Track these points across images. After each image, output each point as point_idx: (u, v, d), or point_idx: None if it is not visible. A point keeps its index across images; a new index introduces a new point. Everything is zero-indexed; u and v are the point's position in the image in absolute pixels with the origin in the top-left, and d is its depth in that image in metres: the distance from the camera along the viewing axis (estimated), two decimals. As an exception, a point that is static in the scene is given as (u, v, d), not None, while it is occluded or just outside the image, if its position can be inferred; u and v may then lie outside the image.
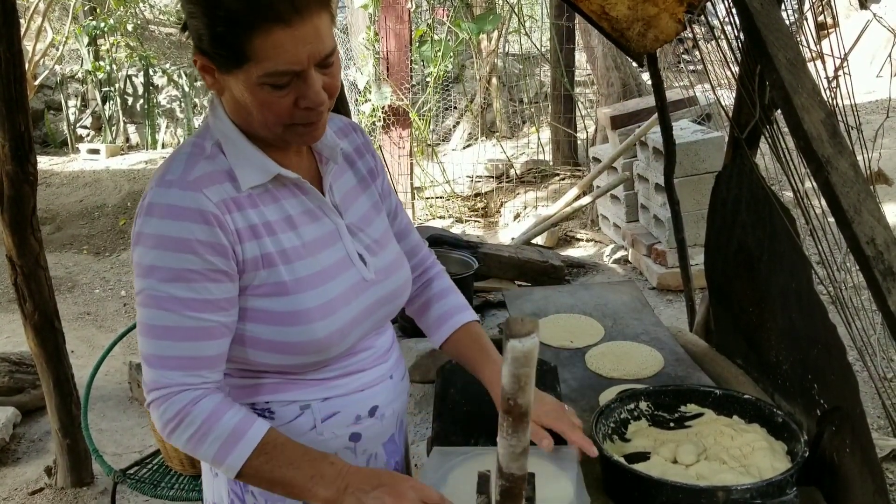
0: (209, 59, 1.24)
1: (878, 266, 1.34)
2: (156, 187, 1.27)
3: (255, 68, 1.20)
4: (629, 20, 2.47)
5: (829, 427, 1.59)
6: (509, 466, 1.07)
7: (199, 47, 1.24)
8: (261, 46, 1.18)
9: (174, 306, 1.25)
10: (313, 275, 1.34)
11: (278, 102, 1.24)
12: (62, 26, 10.47)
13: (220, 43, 1.20)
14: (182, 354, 1.27)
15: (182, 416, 1.27)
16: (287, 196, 1.36)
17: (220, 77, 1.26)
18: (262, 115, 1.26)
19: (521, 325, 0.98)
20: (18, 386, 4.35)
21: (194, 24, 1.23)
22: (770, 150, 1.85)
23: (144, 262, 1.25)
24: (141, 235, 1.25)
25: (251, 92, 1.23)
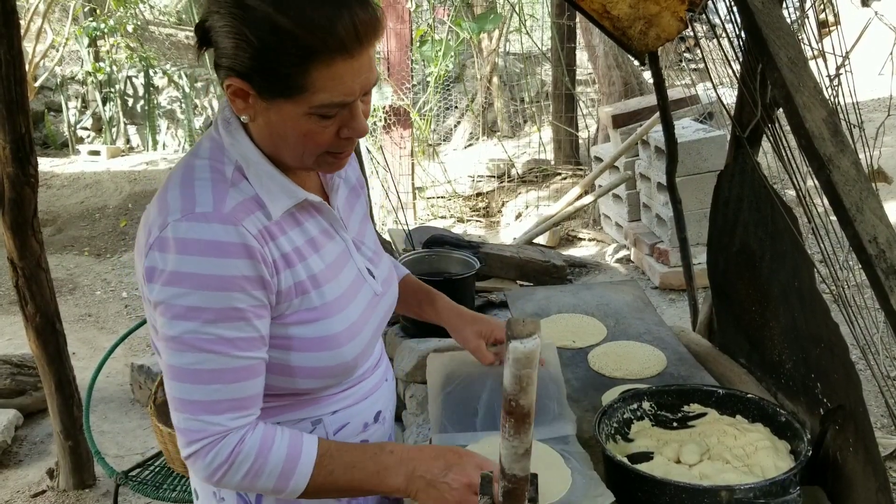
0: (250, 84, 1.16)
1: (881, 264, 1.33)
2: (184, 221, 1.15)
3: (309, 99, 1.15)
4: (630, 19, 2.47)
5: (833, 426, 1.58)
6: (512, 467, 1.07)
7: (237, 70, 1.16)
8: (319, 77, 1.14)
9: (223, 348, 1.18)
10: (339, 297, 1.31)
11: (322, 133, 1.19)
12: (62, 27, 10.48)
13: (272, 72, 1.14)
14: (232, 396, 1.21)
15: (233, 458, 1.22)
16: (307, 218, 1.31)
17: (254, 103, 1.18)
18: (301, 145, 1.21)
19: (523, 326, 0.98)
20: (20, 388, 4.35)
21: (235, 47, 1.14)
22: (772, 148, 1.85)
23: (183, 303, 1.16)
24: (176, 275, 1.15)
25: (294, 122, 1.18)
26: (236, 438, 1.22)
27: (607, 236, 6.39)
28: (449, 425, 1.81)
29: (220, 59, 1.18)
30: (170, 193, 1.20)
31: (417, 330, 2.66)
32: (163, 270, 1.16)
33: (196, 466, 1.23)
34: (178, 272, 1.15)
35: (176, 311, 1.17)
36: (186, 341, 1.17)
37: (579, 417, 1.88)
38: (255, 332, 1.21)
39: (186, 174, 1.22)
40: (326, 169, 1.29)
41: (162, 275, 1.16)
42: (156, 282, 1.17)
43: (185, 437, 1.22)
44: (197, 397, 1.19)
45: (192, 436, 1.21)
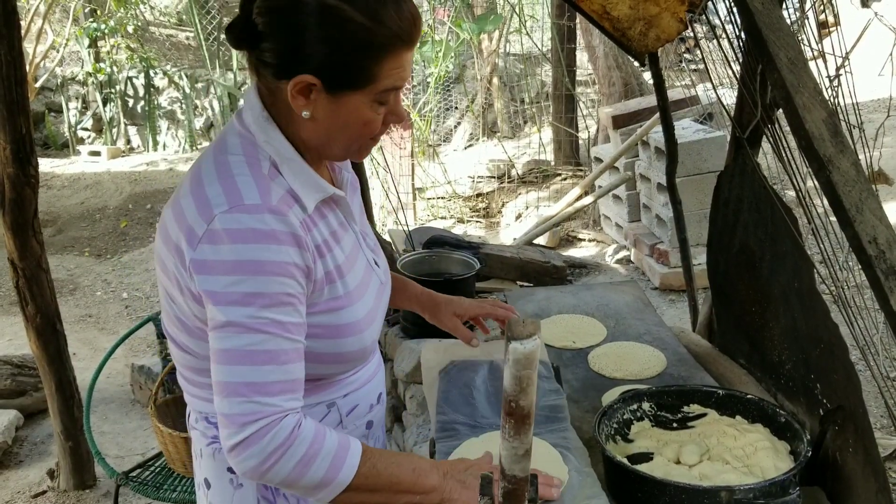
0: (320, 80, 1.20)
1: (881, 265, 1.33)
2: (234, 212, 1.19)
3: (375, 87, 1.22)
4: (630, 20, 2.47)
5: (832, 427, 1.59)
6: (512, 468, 1.07)
7: (306, 67, 1.20)
8: (386, 67, 1.21)
9: (277, 330, 1.21)
10: (358, 286, 1.36)
11: (377, 120, 1.26)
12: (62, 28, 10.48)
13: (346, 66, 1.20)
14: (285, 378, 1.22)
15: (291, 441, 1.21)
16: (328, 211, 1.35)
17: (317, 98, 1.23)
18: (358, 133, 1.27)
19: (523, 326, 0.98)
20: (20, 389, 4.35)
21: (305, 46, 1.19)
22: (772, 149, 1.85)
23: (239, 289, 1.18)
24: (231, 264, 1.18)
25: (358, 111, 1.24)
26: (294, 421, 1.22)
27: (607, 237, 6.39)
28: (446, 406, 1.84)
29: (278, 58, 1.22)
30: (209, 189, 1.22)
31: (418, 331, 2.66)
32: (216, 261, 1.19)
33: (247, 453, 1.20)
34: (233, 261, 1.18)
35: (232, 298, 1.19)
36: (242, 324, 1.19)
37: (579, 418, 1.88)
38: (301, 318, 1.25)
39: (222, 170, 1.24)
40: (358, 157, 1.35)
41: (216, 265, 1.19)
42: (208, 273, 1.19)
43: (238, 420, 1.20)
44: (251, 379, 1.20)
45: (246, 418, 1.19)
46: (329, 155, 1.33)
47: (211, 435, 1.39)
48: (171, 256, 1.25)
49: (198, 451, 1.45)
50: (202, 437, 1.42)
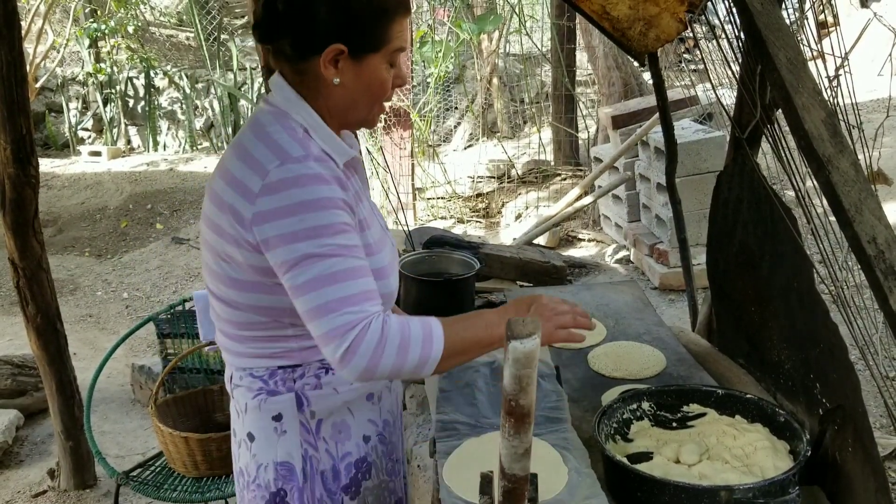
0: (347, 45, 1.42)
1: (880, 265, 1.34)
2: (285, 165, 1.38)
3: (388, 48, 1.46)
4: (630, 20, 2.47)
5: (832, 426, 1.59)
6: (512, 467, 1.07)
7: (336, 36, 1.41)
8: (395, 30, 1.46)
9: (346, 252, 1.38)
10: (377, 241, 1.55)
11: (388, 80, 1.49)
12: (63, 28, 10.48)
13: (365, 30, 1.43)
14: (364, 290, 1.39)
15: (385, 335, 1.37)
16: (351, 175, 1.54)
17: (345, 66, 1.44)
18: (376, 94, 1.49)
19: (523, 326, 0.99)
20: (21, 388, 4.35)
21: (334, 18, 1.41)
22: (771, 149, 1.85)
23: (305, 226, 1.36)
24: (292, 206, 1.36)
25: (376, 71, 1.46)
26: (381, 320, 1.39)
27: (607, 237, 6.39)
28: (447, 406, 1.85)
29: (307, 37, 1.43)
30: (256, 153, 1.41)
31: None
32: (278, 208, 1.36)
33: (355, 358, 1.35)
34: (293, 204, 1.36)
35: (301, 235, 1.36)
36: (316, 254, 1.36)
37: (579, 417, 1.89)
38: (359, 242, 1.43)
39: (264, 137, 1.43)
40: (372, 123, 1.56)
41: (278, 212, 1.36)
42: (273, 220, 1.36)
43: (339, 332, 1.35)
44: (338, 295, 1.36)
45: (344, 329, 1.35)
46: (352, 120, 1.52)
47: (256, 388, 1.53)
48: (226, 218, 1.41)
49: (242, 407, 1.56)
50: (247, 391, 1.54)
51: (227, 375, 1.61)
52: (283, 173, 1.37)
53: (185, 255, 7.32)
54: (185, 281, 6.82)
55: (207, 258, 1.50)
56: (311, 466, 1.54)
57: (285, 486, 1.55)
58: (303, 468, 1.54)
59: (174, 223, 8.07)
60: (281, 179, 1.37)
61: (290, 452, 1.54)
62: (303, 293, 1.37)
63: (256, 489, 1.57)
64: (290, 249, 1.36)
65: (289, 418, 1.53)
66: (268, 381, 1.52)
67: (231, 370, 1.59)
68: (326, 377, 1.53)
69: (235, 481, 1.67)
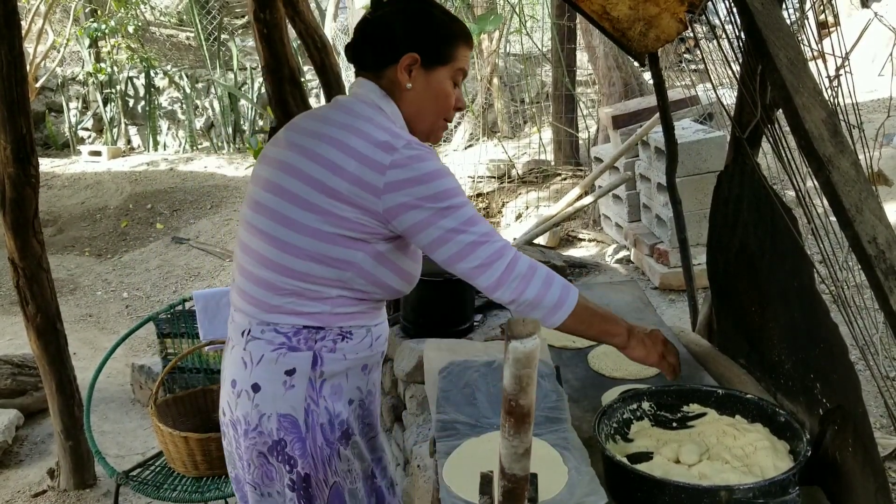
0: (420, 56, 1.70)
1: (880, 265, 1.33)
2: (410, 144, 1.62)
3: (453, 65, 1.74)
4: (630, 20, 2.47)
5: (832, 426, 1.59)
6: (511, 467, 1.07)
7: (414, 47, 1.70)
8: (460, 52, 1.75)
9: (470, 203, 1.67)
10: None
11: (450, 97, 1.76)
12: (63, 28, 10.49)
13: (437, 46, 1.72)
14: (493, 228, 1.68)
15: (534, 265, 1.67)
16: None
17: (416, 74, 1.71)
18: (441, 105, 1.76)
19: (523, 326, 0.98)
20: (21, 388, 4.36)
21: (414, 32, 1.71)
22: (771, 149, 1.85)
23: (442, 187, 1.61)
24: (428, 174, 1.61)
25: (442, 83, 1.74)
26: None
27: (607, 237, 6.39)
28: (447, 405, 1.85)
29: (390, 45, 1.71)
30: (377, 135, 1.62)
31: (418, 330, 2.66)
32: (412, 177, 1.60)
33: (510, 279, 1.64)
34: (425, 173, 1.61)
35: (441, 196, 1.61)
36: (457, 205, 1.62)
37: (579, 417, 1.89)
38: None
39: (373, 125, 1.65)
40: (437, 137, 1.82)
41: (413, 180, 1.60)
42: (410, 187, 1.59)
43: (494, 256, 1.63)
44: (485, 230, 1.64)
45: (499, 253, 1.64)
46: (418, 129, 1.75)
47: (278, 342, 1.69)
48: (342, 182, 1.60)
49: (255, 358, 1.70)
50: (266, 344, 1.69)
51: (241, 329, 1.74)
52: (408, 150, 1.61)
53: (185, 254, 7.33)
54: (185, 281, 6.82)
55: (279, 206, 1.66)
56: (312, 419, 1.71)
57: (286, 437, 1.70)
58: (305, 420, 1.70)
59: (174, 223, 8.07)
60: (408, 157, 1.60)
61: (295, 406, 1.69)
62: (452, 237, 1.62)
63: (257, 436, 1.71)
64: (431, 207, 1.60)
65: (300, 374, 1.69)
66: (291, 338, 1.68)
67: (249, 323, 1.72)
68: (341, 343, 1.72)
69: (226, 430, 1.80)
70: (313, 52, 3.98)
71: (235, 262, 1.80)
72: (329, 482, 1.76)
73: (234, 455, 1.81)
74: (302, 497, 1.75)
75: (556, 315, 1.69)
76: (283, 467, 1.73)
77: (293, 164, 1.66)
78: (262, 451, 1.73)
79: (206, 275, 6.89)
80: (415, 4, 1.76)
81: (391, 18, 1.73)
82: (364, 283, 1.69)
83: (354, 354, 1.75)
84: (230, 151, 10.22)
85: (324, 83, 4.07)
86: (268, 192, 1.69)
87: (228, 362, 1.78)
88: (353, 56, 1.79)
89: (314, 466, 1.73)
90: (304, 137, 1.69)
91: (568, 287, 1.70)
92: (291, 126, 1.77)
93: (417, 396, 2.65)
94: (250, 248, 1.72)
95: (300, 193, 1.64)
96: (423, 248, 1.68)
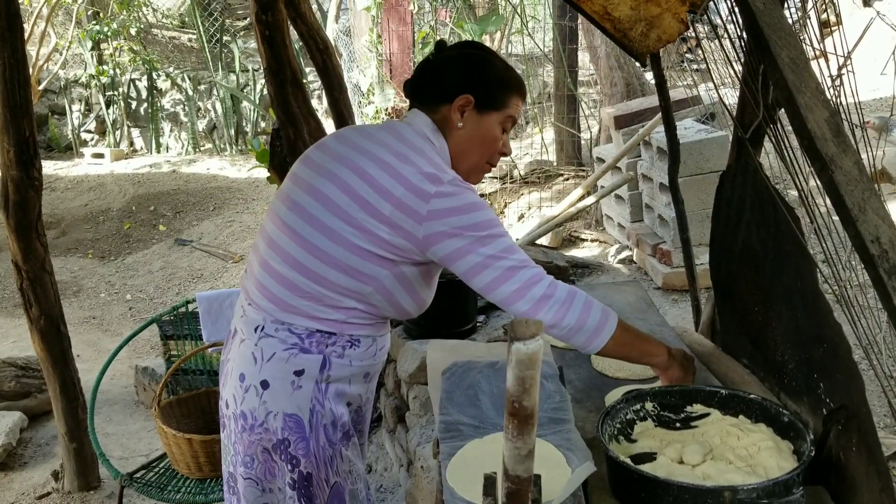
0: (475, 98, 1.79)
1: (884, 264, 1.33)
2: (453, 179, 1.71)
3: (504, 112, 1.83)
4: (632, 20, 2.47)
5: (836, 426, 1.59)
6: (515, 469, 1.07)
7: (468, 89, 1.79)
8: (513, 101, 1.84)
9: (507, 233, 1.74)
10: None
11: (497, 141, 1.85)
12: (65, 31, 10.50)
13: (492, 93, 1.81)
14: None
15: (572, 291, 1.72)
16: None
17: (469, 116, 1.80)
18: (488, 147, 1.84)
19: (526, 327, 0.98)
20: (25, 390, 4.36)
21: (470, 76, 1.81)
22: (774, 149, 1.85)
23: (482, 218, 1.69)
24: (470, 205, 1.69)
25: (491, 127, 1.83)
26: None
27: (610, 237, 6.39)
28: (450, 406, 1.86)
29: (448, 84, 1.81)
30: (425, 167, 1.70)
31: (420, 332, 2.66)
32: (454, 207, 1.67)
33: (549, 304, 1.69)
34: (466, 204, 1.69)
35: (482, 225, 1.68)
36: (497, 234, 1.69)
37: (582, 418, 1.89)
38: None
39: (424, 158, 1.73)
40: (477, 178, 1.90)
41: (455, 209, 1.67)
42: (451, 216, 1.67)
43: (533, 281, 1.69)
44: (520, 258, 1.70)
45: (537, 278, 1.69)
46: (461, 167, 1.82)
47: (291, 342, 1.73)
48: (386, 205, 1.67)
49: (265, 355, 1.74)
50: (279, 343, 1.74)
51: (255, 325, 1.78)
52: (453, 184, 1.70)
53: (187, 256, 7.34)
54: (189, 282, 6.83)
55: (316, 211, 1.72)
56: (316, 420, 1.76)
57: (290, 437, 1.75)
58: (309, 420, 1.75)
59: (177, 225, 8.08)
60: (453, 189, 1.69)
61: (301, 406, 1.74)
62: (491, 263, 1.68)
63: (263, 433, 1.76)
64: (472, 235, 1.67)
65: (308, 376, 1.74)
66: (304, 340, 1.73)
67: (264, 320, 1.77)
68: (349, 350, 1.77)
69: (227, 422, 1.84)
70: (315, 54, 3.99)
71: (256, 254, 1.84)
72: (330, 482, 1.80)
73: (229, 448, 1.86)
74: (302, 496, 1.78)
75: (598, 338, 1.73)
76: (286, 466, 1.77)
77: (340, 177, 1.72)
78: (267, 448, 1.78)
79: (209, 276, 6.90)
80: (476, 51, 1.88)
81: (452, 61, 1.84)
82: (381, 299, 1.75)
83: (360, 362, 1.80)
84: (233, 153, 10.22)
85: (326, 85, 4.07)
86: (308, 195, 1.74)
87: (236, 355, 1.81)
88: (411, 91, 1.89)
89: (316, 466, 1.78)
90: (356, 154, 1.74)
91: (607, 310, 1.76)
92: (341, 138, 1.84)
93: (420, 397, 2.65)
94: (277, 245, 1.76)
95: (341, 205, 1.70)
96: (461, 275, 1.74)
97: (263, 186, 8.39)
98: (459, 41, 2.06)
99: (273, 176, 3.88)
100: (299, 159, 1.89)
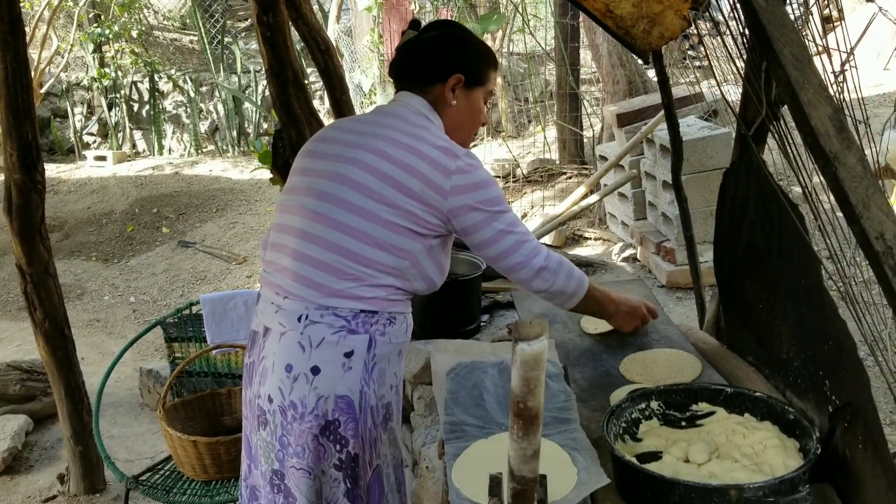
0: (465, 76, 1.94)
1: (888, 261, 1.33)
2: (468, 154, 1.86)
3: (486, 86, 2.00)
4: (634, 18, 2.47)
5: (841, 423, 1.58)
6: (521, 469, 1.07)
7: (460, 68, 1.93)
8: (491, 75, 2.01)
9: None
10: None
11: (482, 112, 2.01)
12: (67, 34, 10.51)
13: (477, 69, 1.97)
14: None
15: (562, 260, 1.96)
16: None
17: (459, 93, 1.94)
18: (475, 119, 2.00)
19: (530, 327, 0.98)
20: (30, 394, 4.37)
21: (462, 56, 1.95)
22: (777, 145, 1.84)
23: (496, 193, 1.86)
24: (486, 181, 1.85)
25: (477, 102, 1.99)
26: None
27: (613, 235, 6.38)
28: (454, 407, 1.86)
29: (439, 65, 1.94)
30: (440, 142, 1.84)
31: (425, 332, 2.66)
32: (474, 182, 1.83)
33: (547, 272, 1.93)
34: (483, 179, 1.84)
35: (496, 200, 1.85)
36: (506, 209, 1.88)
37: (587, 417, 1.88)
38: None
39: (431, 134, 1.87)
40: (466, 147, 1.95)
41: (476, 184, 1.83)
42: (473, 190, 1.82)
43: (533, 254, 1.90)
44: (522, 230, 1.90)
45: (537, 250, 1.91)
46: (453, 140, 1.90)
47: (338, 325, 1.80)
48: (415, 181, 1.79)
49: (314, 341, 1.79)
50: (327, 328, 1.80)
51: (297, 314, 1.82)
52: (469, 159, 1.84)
53: (191, 258, 7.34)
54: (192, 284, 6.83)
55: (350, 196, 1.81)
56: (364, 401, 1.82)
57: (340, 418, 1.80)
58: (359, 402, 1.81)
59: (180, 227, 8.09)
60: (469, 164, 1.83)
61: (351, 388, 1.80)
62: (501, 237, 1.86)
63: (313, 419, 1.79)
64: (489, 209, 1.83)
65: (358, 356, 1.81)
66: (350, 321, 1.80)
67: (306, 308, 1.81)
68: (390, 327, 1.85)
69: (270, 418, 1.84)
70: (317, 55, 3.98)
71: (284, 250, 1.88)
72: (373, 464, 1.88)
73: (273, 444, 1.85)
74: (348, 477, 1.83)
75: (573, 300, 2.03)
76: (334, 447, 1.82)
77: (363, 160, 1.82)
78: (316, 434, 1.81)
79: (212, 278, 6.90)
80: (458, 31, 2.01)
81: (439, 42, 1.96)
82: (415, 273, 1.86)
83: (397, 339, 1.89)
84: (235, 154, 10.23)
85: (327, 86, 4.07)
86: (336, 183, 1.83)
87: (276, 349, 1.83)
88: (397, 73, 2.00)
89: (363, 447, 1.84)
90: (368, 138, 1.86)
91: (582, 276, 2.03)
92: (341, 129, 1.95)
93: (425, 398, 2.65)
94: (313, 235, 1.83)
95: (372, 186, 1.80)
96: (473, 245, 1.89)
97: (266, 188, 8.39)
98: (435, 20, 2.36)
99: (276, 177, 3.88)
100: (302, 155, 1.97)
